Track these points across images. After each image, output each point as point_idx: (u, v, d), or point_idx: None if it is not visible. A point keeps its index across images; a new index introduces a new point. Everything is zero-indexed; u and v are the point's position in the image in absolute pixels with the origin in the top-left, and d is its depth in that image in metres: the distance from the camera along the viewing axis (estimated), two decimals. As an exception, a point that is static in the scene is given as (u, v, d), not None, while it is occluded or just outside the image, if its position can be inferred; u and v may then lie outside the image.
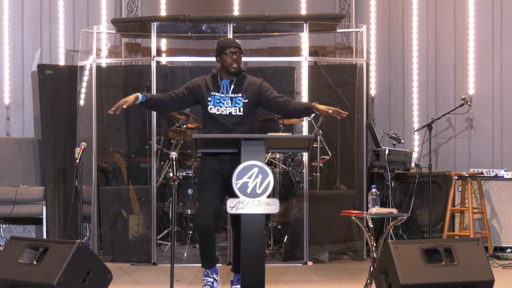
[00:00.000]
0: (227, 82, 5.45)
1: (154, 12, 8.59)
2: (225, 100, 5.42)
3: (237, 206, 4.75)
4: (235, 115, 5.40)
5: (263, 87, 5.45)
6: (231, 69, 5.42)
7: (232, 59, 5.42)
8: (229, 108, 5.40)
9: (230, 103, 5.41)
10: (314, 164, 7.51)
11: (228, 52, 5.43)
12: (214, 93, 5.44)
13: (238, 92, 5.43)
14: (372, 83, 8.54)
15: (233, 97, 5.42)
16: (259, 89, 5.44)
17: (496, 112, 7.99)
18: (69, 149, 7.63)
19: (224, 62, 5.44)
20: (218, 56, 5.49)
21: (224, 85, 5.45)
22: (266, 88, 5.45)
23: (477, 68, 8.07)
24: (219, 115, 5.41)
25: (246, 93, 5.43)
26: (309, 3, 8.73)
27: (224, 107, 5.41)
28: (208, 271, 5.49)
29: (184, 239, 7.52)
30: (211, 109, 5.42)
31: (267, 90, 5.44)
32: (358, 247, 7.33)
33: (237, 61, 5.43)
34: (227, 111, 5.40)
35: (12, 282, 4.77)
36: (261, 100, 5.46)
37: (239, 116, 5.39)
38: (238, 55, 5.44)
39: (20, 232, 8.01)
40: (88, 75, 7.41)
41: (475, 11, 8.06)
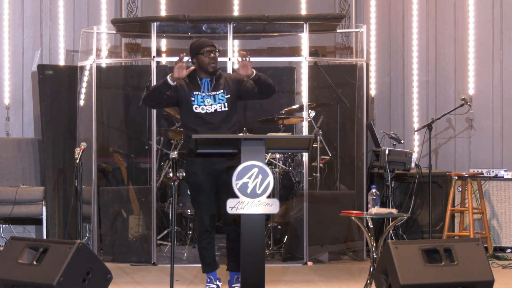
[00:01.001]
0: (207, 81, 5.46)
1: (154, 12, 8.59)
2: (207, 98, 5.42)
3: (237, 206, 4.75)
4: (221, 112, 5.42)
5: (238, 79, 5.47)
6: (210, 68, 5.44)
7: (210, 58, 5.43)
8: (214, 105, 5.42)
9: (213, 101, 5.42)
10: (314, 164, 7.51)
11: (205, 51, 5.44)
12: (196, 93, 5.44)
13: (218, 89, 5.45)
14: (372, 83, 8.54)
15: (214, 95, 5.44)
16: (237, 82, 5.48)
17: (496, 112, 7.98)
18: (69, 149, 7.63)
19: (202, 62, 5.45)
20: (194, 57, 5.49)
21: (205, 84, 5.45)
22: (240, 79, 5.47)
23: (477, 68, 8.07)
24: (205, 114, 5.41)
25: (227, 89, 5.46)
26: (309, 3, 8.73)
27: (209, 106, 5.42)
28: (211, 277, 5.48)
29: (184, 239, 7.52)
30: (196, 109, 5.42)
31: (243, 81, 5.47)
32: (358, 247, 7.33)
33: (215, 59, 5.45)
34: (212, 109, 5.41)
35: (12, 282, 4.77)
36: (241, 92, 5.49)
37: (225, 112, 5.42)
38: (215, 53, 5.46)
39: (20, 232, 8.01)
40: (88, 75, 7.41)
41: (475, 11, 8.06)
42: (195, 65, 5.49)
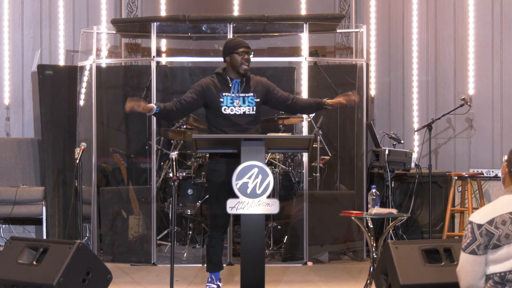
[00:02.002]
0: (238, 82, 5.40)
1: (154, 13, 8.59)
2: (236, 99, 5.38)
3: (237, 206, 4.75)
4: (249, 114, 5.36)
5: (270, 85, 5.49)
6: (241, 70, 5.38)
7: (244, 59, 5.38)
8: (242, 107, 5.36)
9: (242, 103, 5.38)
10: (314, 165, 7.51)
11: (240, 51, 5.39)
12: (225, 93, 5.38)
13: (248, 91, 5.39)
14: (372, 83, 8.54)
15: (244, 97, 5.38)
16: (268, 88, 5.46)
17: (496, 113, 7.98)
18: (69, 149, 7.63)
19: (235, 61, 5.39)
20: (228, 56, 5.43)
21: (235, 85, 5.40)
22: (273, 87, 5.50)
23: (477, 68, 8.06)
24: (233, 115, 5.35)
25: (257, 92, 5.40)
26: (309, 3, 8.73)
27: (238, 107, 5.36)
28: (213, 277, 5.46)
29: (184, 239, 7.51)
30: (225, 110, 5.36)
31: (274, 89, 5.49)
32: (358, 248, 7.33)
33: (248, 61, 5.40)
34: (241, 111, 5.36)
35: (12, 283, 4.77)
36: (268, 99, 5.47)
37: (252, 115, 5.37)
38: (249, 55, 5.42)
39: (20, 233, 8.01)
40: (88, 76, 7.41)
41: (475, 11, 8.05)
42: (227, 64, 5.45)
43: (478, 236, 3.33)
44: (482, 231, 3.32)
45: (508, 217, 3.31)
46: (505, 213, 3.33)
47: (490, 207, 3.40)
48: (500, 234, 3.31)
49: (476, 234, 3.33)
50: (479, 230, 3.33)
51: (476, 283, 3.39)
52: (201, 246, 7.34)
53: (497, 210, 3.35)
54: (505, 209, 3.34)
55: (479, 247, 3.34)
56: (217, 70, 5.50)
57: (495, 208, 3.37)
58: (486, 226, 3.32)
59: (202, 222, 7.44)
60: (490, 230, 3.32)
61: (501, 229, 3.31)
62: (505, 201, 3.38)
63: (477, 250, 3.34)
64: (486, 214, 3.35)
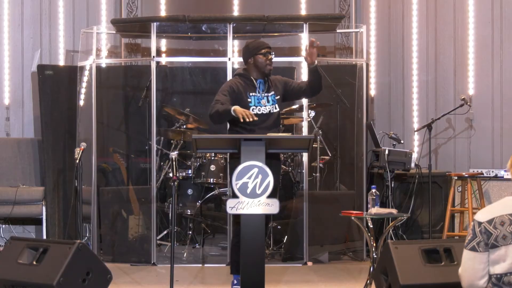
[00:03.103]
0: (262, 81, 5.53)
1: (154, 13, 8.59)
2: (262, 99, 5.47)
3: (237, 206, 4.75)
4: (273, 113, 5.49)
5: (286, 80, 5.64)
6: (266, 70, 5.52)
7: (268, 60, 5.50)
8: (268, 106, 5.48)
9: (267, 102, 5.48)
10: (314, 165, 7.51)
11: (264, 52, 5.51)
12: (252, 93, 5.47)
13: (270, 90, 5.53)
14: (372, 83, 8.54)
15: (268, 96, 5.50)
16: (284, 83, 5.61)
17: (496, 113, 7.98)
18: (69, 149, 7.63)
19: (259, 63, 5.50)
20: (251, 57, 5.51)
21: (260, 84, 5.51)
22: (287, 80, 5.66)
23: (477, 68, 8.06)
24: (261, 115, 5.44)
25: (276, 90, 5.54)
26: (309, 3, 8.73)
27: (264, 107, 5.46)
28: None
29: (184, 239, 7.51)
30: (253, 110, 5.42)
31: (289, 81, 5.65)
32: (358, 248, 7.33)
33: (271, 61, 5.54)
34: (267, 110, 5.47)
35: (12, 283, 4.77)
36: (286, 93, 5.61)
37: (276, 113, 5.51)
38: (272, 55, 5.55)
39: (20, 233, 8.01)
40: (88, 76, 7.41)
41: (475, 11, 8.05)
42: (249, 65, 5.53)
43: (478, 233, 3.37)
44: (481, 229, 3.36)
45: (508, 219, 3.34)
46: (505, 214, 3.35)
47: (493, 207, 3.42)
48: (497, 235, 3.34)
49: (476, 232, 3.37)
50: (479, 228, 3.37)
51: (477, 282, 3.40)
52: (201, 246, 7.34)
53: (498, 211, 3.37)
54: (506, 210, 3.36)
55: (479, 244, 3.37)
56: (239, 71, 5.60)
57: (497, 208, 3.40)
58: (485, 225, 3.36)
59: (202, 222, 7.44)
60: (489, 229, 3.35)
61: (499, 229, 3.34)
62: (507, 202, 3.40)
63: (477, 247, 3.37)
64: (488, 214, 3.38)
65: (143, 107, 7.64)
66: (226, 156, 6.97)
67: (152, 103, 7.02)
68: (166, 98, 8.31)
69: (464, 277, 3.44)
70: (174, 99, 8.43)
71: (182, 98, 8.38)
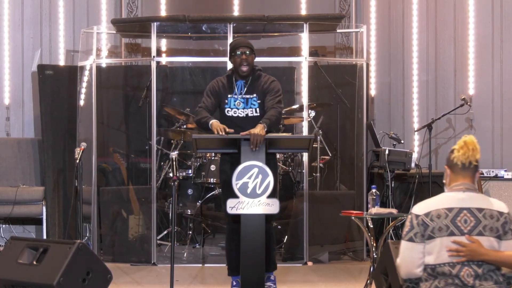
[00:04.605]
0: (242, 83, 5.39)
1: (154, 12, 8.59)
2: (240, 101, 5.35)
3: (237, 206, 4.75)
4: (252, 117, 5.32)
5: (269, 90, 5.37)
6: (241, 71, 5.36)
7: (242, 60, 5.34)
8: (246, 109, 5.34)
9: (245, 104, 5.35)
10: (314, 165, 7.51)
11: (238, 53, 5.36)
12: (230, 95, 5.36)
13: (252, 92, 5.37)
14: (372, 83, 8.54)
15: (248, 98, 5.35)
16: (266, 91, 5.37)
17: (496, 112, 7.98)
18: (69, 149, 7.63)
19: (235, 63, 5.38)
20: (231, 58, 5.43)
21: (239, 86, 5.38)
22: (270, 92, 5.36)
23: (477, 68, 8.06)
24: (236, 118, 5.34)
25: (259, 94, 5.36)
26: (309, 3, 8.73)
27: (241, 109, 5.34)
28: (238, 280, 5.30)
29: (184, 239, 7.51)
30: (228, 112, 5.35)
31: (269, 94, 5.35)
32: (358, 247, 7.33)
33: (247, 61, 5.35)
34: (244, 113, 5.34)
35: (12, 282, 4.77)
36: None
37: (257, 117, 5.28)
38: (248, 54, 5.35)
39: (20, 232, 8.01)
40: (88, 75, 7.41)
41: (475, 11, 8.05)
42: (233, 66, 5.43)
43: (415, 225, 3.58)
44: (418, 221, 3.57)
45: (444, 212, 3.55)
46: (441, 208, 3.56)
47: (430, 202, 3.63)
48: (434, 227, 3.54)
49: (413, 223, 3.59)
50: (417, 220, 3.58)
51: (414, 270, 3.60)
52: (201, 246, 7.34)
53: (435, 205, 3.59)
54: (442, 205, 3.57)
55: (416, 235, 3.58)
56: (228, 71, 5.49)
57: (433, 202, 3.61)
58: (423, 217, 3.56)
59: (202, 222, 7.44)
60: (426, 221, 3.56)
61: (436, 222, 3.54)
62: (444, 198, 3.62)
63: (414, 237, 3.58)
64: (425, 207, 3.60)
65: (143, 107, 7.64)
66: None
67: (152, 103, 7.02)
68: (166, 98, 8.31)
69: (402, 266, 3.64)
70: (174, 99, 8.43)
71: (182, 98, 8.39)
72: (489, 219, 3.55)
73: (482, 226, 3.53)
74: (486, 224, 3.54)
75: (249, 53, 5.37)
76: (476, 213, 3.55)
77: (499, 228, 3.55)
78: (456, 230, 3.52)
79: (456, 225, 3.53)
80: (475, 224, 3.53)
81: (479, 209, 3.56)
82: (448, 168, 3.66)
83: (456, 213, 3.54)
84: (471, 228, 3.53)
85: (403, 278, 3.69)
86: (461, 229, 3.53)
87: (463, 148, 3.60)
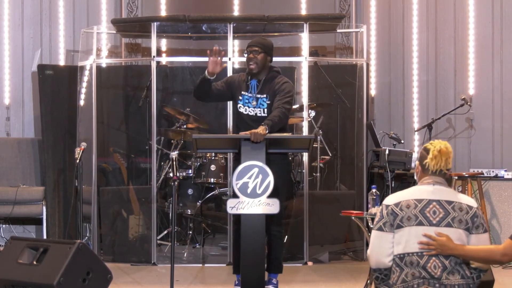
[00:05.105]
0: (255, 82, 5.46)
1: (154, 12, 8.59)
2: (252, 100, 5.41)
3: (237, 206, 4.75)
4: (260, 116, 5.38)
5: (279, 91, 5.39)
6: (249, 70, 5.45)
7: (249, 58, 5.43)
8: (255, 108, 5.41)
9: (255, 104, 5.41)
10: (314, 164, 7.51)
11: (245, 52, 5.47)
12: (244, 92, 5.45)
13: (263, 92, 5.42)
14: (372, 83, 8.54)
15: (258, 98, 5.42)
16: (275, 92, 5.40)
17: (496, 112, 7.98)
18: (69, 149, 7.63)
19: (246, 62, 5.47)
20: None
21: (253, 85, 5.45)
22: (279, 92, 5.38)
23: (477, 68, 8.06)
24: (247, 115, 5.43)
25: (270, 94, 5.41)
26: (309, 3, 8.73)
27: (252, 108, 5.41)
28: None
29: (184, 239, 7.51)
30: (240, 108, 5.45)
31: (279, 95, 5.36)
32: (358, 247, 7.33)
33: (253, 60, 5.41)
34: (253, 112, 5.42)
35: (12, 282, 4.77)
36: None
37: (264, 118, 5.32)
38: (255, 53, 5.41)
39: (20, 232, 8.01)
40: (88, 75, 7.41)
41: (475, 11, 8.05)
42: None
43: (385, 215, 3.73)
44: (388, 211, 3.73)
45: (413, 202, 3.70)
46: (411, 199, 3.72)
47: (401, 193, 3.80)
48: (403, 216, 3.69)
49: (384, 213, 3.74)
50: (386, 210, 3.74)
51: (383, 259, 3.73)
52: (201, 246, 7.34)
53: (405, 196, 3.75)
54: (412, 196, 3.74)
55: (385, 225, 3.72)
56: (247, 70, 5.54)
57: (404, 194, 3.78)
58: (393, 207, 3.72)
59: (202, 222, 7.44)
60: (395, 211, 3.71)
61: (405, 211, 3.69)
62: (414, 190, 3.79)
63: (384, 227, 3.72)
64: (395, 198, 3.77)
65: (144, 107, 7.64)
66: (226, 156, 6.98)
67: (153, 103, 7.02)
68: (166, 98, 8.31)
69: (372, 256, 3.77)
70: (174, 99, 8.43)
71: (182, 98, 8.38)
72: (458, 212, 3.68)
73: (451, 217, 3.67)
74: (455, 216, 3.67)
75: (257, 52, 5.42)
76: (445, 205, 3.69)
77: (468, 221, 3.68)
78: (425, 220, 3.66)
79: (425, 216, 3.67)
80: (444, 215, 3.67)
81: (448, 201, 3.71)
82: (420, 166, 3.81)
83: (426, 204, 3.69)
84: (439, 219, 3.66)
85: (373, 267, 3.79)
86: (430, 220, 3.66)
87: (436, 158, 3.77)
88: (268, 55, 5.48)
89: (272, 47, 5.57)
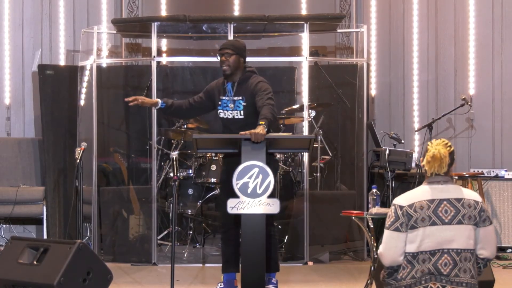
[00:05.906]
0: (230, 85, 5.41)
1: (155, 12, 8.59)
2: (230, 103, 5.38)
3: (238, 206, 4.75)
4: (237, 119, 5.36)
5: (256, 90, 5.28)
6: (222, 72, 5.40)
7: (221, 61, 5.38)
8: (233, 111, 5.37)
9: (233, 107, 5.37)
10: (314, 164, 7.51)
11: (219, 54, 5.39)
12: (222, 97, 5.41)
13: (239, 95, 5.38)
14: (372, 83, 8.54)
15: (235, 100, 5.37)
16: (253, 92, 5.31)
17: (496, 112, 7.98)
18: (69, 149, 7.63)
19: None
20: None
21: (229, 88, 5.41)
22: (257, 91, 5.26)
23: (477, 68, 8.07)
24: (225, 119, 5.40)
25: (246, 96, 5.34)
26: (309, 3, 8.73)
27: (230, 111, 5.37)
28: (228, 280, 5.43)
29: (184, 239, 7.51)
30: (220, 113, 5.41)
31: (258, 95, 5.25)
32: (359, 247, 7.33)
33: (225, 62, 5.34)
34: (231, 115, 5.38)
35: (12, 282, 4.77)
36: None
37: (241, 120, 5.32)
38: (227, 56, 5.34)
39: (21, 232, 8.01)
40: (88, 75, 7.41)
41: (475, 11, 8.06)
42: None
43: (400, 215, 3.87)
44: (403, 212, 3.86)
45: (426, 203, 3.86)
46: (423, 200, 3.88)
47: (412, 194, 3.94)
48: (417, 217, 3.84)
49: (398, 214, 3.87)
50: (401, 211, 3.87)
51: (398, 258, 3.86)
52: (202, 246, 7.34)
53: (417, 197, 3.90)
54: (423, 197, 3.88)
55: (402, 225, 3.86)
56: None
57: (415, 195, 3.92)
58: (407, 209, 3.86)
59: (202, 222, 7.44)
60: (410, 212, 3.85)
61: (419, 213, 3.84)
62: (424, 190, 3.93)
63: (401, 227, 3.86)
64: (408, 199, 3.91)
65: (144, 107, 7.63)
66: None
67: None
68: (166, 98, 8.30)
69: (387, 254, 3.89)
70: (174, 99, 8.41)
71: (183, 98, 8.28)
72: (467, 208, 3.86)
73: (462, 215, 3.84)
74: (465, 213, 3.84)
75: (229, 54, 5.35)
76: (455, 203, 3.86)
77: (476, 216, 3.86)
78: (438, 220, 3.82)
79: (438, 216, 3.83)
80: (455, 213, 3.84)
81: (458, 199, 3.87)
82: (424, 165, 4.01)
83: (437, 204, 3.85)
84: (451, 218, 3.83)
85: (386, 266, 3.90)
86: (442, 219, 3.83)
87: (429, 163, 3.98)
88: (241, 56, 5.40)
89: (244, 48, 5.48)
